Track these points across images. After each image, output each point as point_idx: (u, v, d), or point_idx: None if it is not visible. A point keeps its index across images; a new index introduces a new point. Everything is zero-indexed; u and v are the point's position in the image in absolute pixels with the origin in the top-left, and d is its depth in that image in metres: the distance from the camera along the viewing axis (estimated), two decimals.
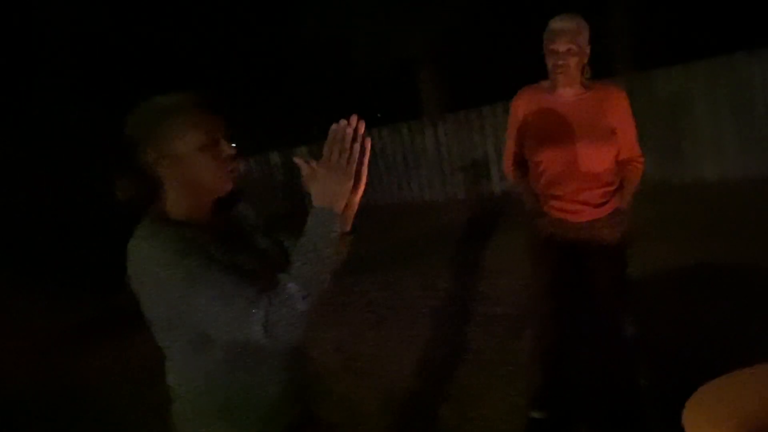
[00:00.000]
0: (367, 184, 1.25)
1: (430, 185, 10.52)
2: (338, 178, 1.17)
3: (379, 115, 15.61)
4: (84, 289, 6.37)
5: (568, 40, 2.42)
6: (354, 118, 1.18)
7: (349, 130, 1.17)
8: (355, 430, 3.15)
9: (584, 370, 2.68)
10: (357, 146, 1.18)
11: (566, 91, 2.53)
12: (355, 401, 3.47)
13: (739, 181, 7.10)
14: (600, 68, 2.63)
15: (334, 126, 1.17)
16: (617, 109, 2.53)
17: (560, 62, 2.44)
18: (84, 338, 5.52)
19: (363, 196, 1.26)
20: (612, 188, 2.56)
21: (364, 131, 1.19)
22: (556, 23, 2.46)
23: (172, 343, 1.32)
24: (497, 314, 4.39)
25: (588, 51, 2.49)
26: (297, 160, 1.28)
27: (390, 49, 10.13)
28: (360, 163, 1.20)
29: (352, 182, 1.19)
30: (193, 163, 1.29)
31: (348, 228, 1.29)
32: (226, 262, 1.23)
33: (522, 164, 2.72)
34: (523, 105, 2.63)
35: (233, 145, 1.34)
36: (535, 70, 2.66)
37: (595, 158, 2.50)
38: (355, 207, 1.27)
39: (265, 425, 1.36)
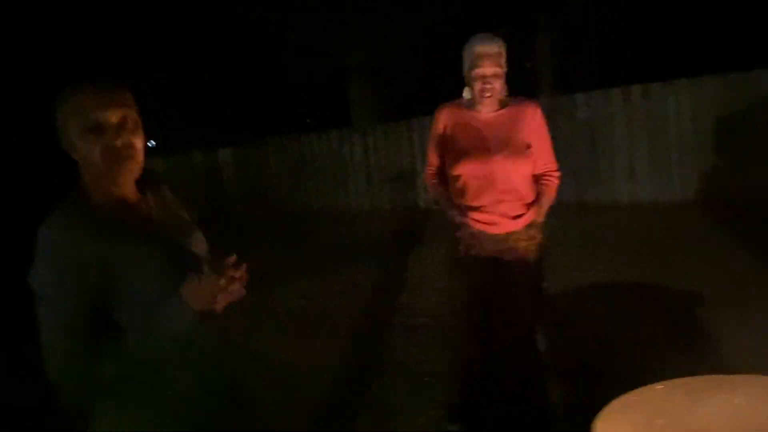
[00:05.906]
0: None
1: (357, 195, 10.50)
2: (210, 299, 1.29)
3: (308, 120, 15.50)
4: None
5: (493, 63, 2.48)
6: (233, 260, 1.28)
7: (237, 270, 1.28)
8: None
9: (500, 382, 2.71)
10: (237, 284, 1.29)
11: (484, 108, 2.59)
12: (270, 410, 3.36)
13: (649, 204, 7.49)
14: (523, 90, 2.70)
15: (230, 260, 1.27)
16: (532, 123, 2.62)
17: (488, 86, 2.49)
18: None
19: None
20: (528, 201, 2.63)
21: (246, 273, 1.30)
22: (480, 47, 2.49)
23: None
24: (418, 325, 4.39)
25: (506, 68, 2.55)
26: (206, 265, 1.28)
27: (324, 58, 10.10)
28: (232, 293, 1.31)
29: (215, 306, 1.31)
30: (83, 145, 1.32)
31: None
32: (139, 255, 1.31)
33: (442, 176, 2.76)
34: (443, 120, 2.69)
35: (136, 128, 1.35)
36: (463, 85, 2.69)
37: (512, 171, 2.57)
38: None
39: (175, 418, 1.36)
